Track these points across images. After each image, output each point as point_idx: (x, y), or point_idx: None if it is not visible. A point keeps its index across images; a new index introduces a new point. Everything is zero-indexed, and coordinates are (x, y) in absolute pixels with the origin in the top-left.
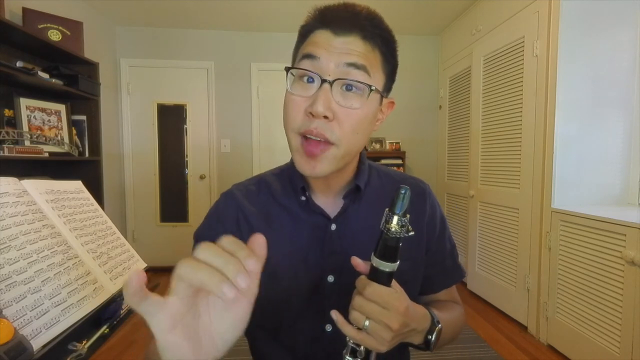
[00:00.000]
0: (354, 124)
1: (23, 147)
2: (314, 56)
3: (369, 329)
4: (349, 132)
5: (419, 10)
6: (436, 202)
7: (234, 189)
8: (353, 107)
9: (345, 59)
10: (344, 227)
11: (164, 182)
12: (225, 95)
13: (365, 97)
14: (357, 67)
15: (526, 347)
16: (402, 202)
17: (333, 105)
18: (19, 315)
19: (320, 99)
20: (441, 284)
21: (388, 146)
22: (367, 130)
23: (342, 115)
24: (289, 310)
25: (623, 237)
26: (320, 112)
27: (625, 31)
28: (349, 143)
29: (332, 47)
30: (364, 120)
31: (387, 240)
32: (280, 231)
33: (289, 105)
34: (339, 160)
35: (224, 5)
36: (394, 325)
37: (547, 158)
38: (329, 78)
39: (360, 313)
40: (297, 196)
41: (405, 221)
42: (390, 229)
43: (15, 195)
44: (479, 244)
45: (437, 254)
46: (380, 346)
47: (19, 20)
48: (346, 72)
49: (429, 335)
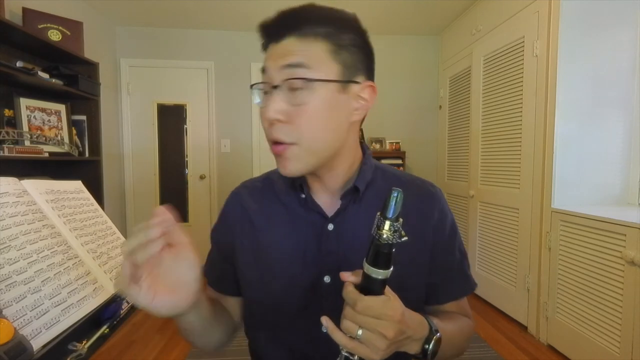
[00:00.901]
0: (308, 119)
1: (23, 147)
2: (265, 68)
3: (362, 338)
4: (305, 129)
5: (419, 10)
6: (447, 209)
7: (242, 186)
8: (301, 103)
9: (283, 62)
10: (342, 227)
11: (164, 182)
12: (225, 95)
13: (314, 90)
14: (293, 66)
15: (526, 347)
16: (395, 205)
17: (284, 107)
18: (19, 315)
19: (269, 105)
20: (448, 294)
21: (388, 146)
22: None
23: (294, 114)
24: (287, 309)
25: (623, 237)
26: (270, 117)
27: (625, 31)
28: (310, 138)
29: (273, 55)
30: (318, 113)
31: (379, 247)
32: (280, 228)
33: (261, 117)
34: (307, 157)
35: (224, 5)
36: (389, 333)
37: (547, 158)
38: (275, 83)
39: (353, 322)
40: (298, 194)
41: (398, 226)
42: (382, 235)
43: (15, 195)
44: (479, 244)
45: (444, 263)
46: (374, 355)
47: (19, 20)
48: (287, 74)
49: (426, 345)
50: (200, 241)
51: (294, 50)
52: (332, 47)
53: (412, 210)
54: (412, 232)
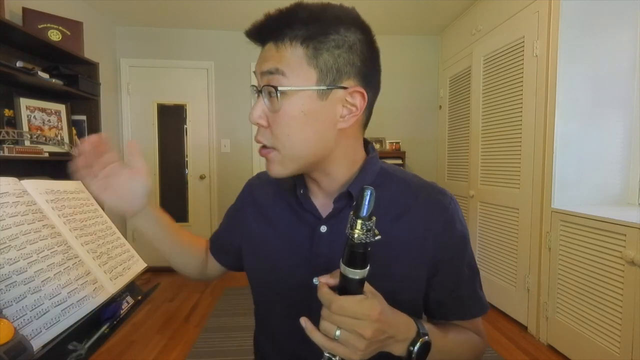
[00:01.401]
0: (283, 126)
1: (23, 147)
2: (255, 72)
3: (341, 339)
4: (280, 135)
5: (419, 10)
6: (455, 221)
7: (257, 177)
8: (277, 110)
9: (261, 68)
10: (336, 230)
11: (164, 182)
12: (225, 95)
13: (286, 98)
14: (270, 72)
15: (526, 347)
16: (367, 204)
17: (266, 112)
18: (19, 315)
19: (252, 109)
20: (454, 313)
21: (388, 146)
22: (305, 130)
23: (271, 120)
24: (278, 308)
25: (623, 237)
26: (252, 121)
27: (625, 31)
28: (286, 145)
29: (258, 60)
30: (290, 121)
31: (353, 247)
32: (278, 224)
33: None
34: (288, 162)
35: (224, 5)
36: (367, 333)
37: (547, 158)
38: (260, 88)
39: (331, 323)
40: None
41: (371, 225)
42: (354, 235)
43: (15, 195)
44: (479, 244)
45: (449, 278)
46: (353, 355)
47: (19, 20)
48: (266, 80)
49: (411, 347)
50: None
51: (270, 57)
52: (311, 51)
53: (417, 220)
54: (410, 242)
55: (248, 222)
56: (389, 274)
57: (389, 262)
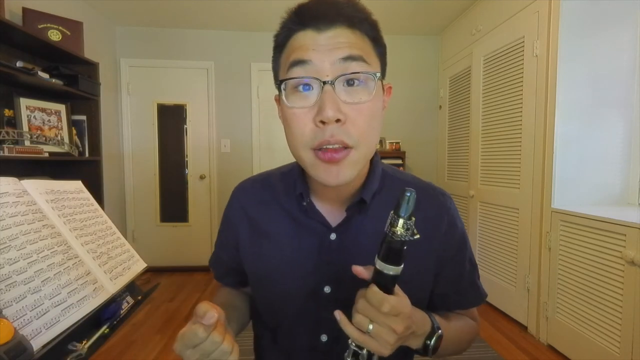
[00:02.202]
0: (368, 119)
1: (23, 147)
2: (304, 60)
3: (373, 332)
4: (365, 130)
5: (419, 10)
6: (456, 219)
7: (241, 187)
8: (362, 102)
9: (339, 54)
10: (345, 237)
11: (164, 182)
12: (225, 95)
13: (372, 87)
14: (354, 59)
15: (526, 347)
16: (408, 205)
17: (341, 106)
18: (19, 315)
19: (328, 102)
20: (455, 305)
21: (388, 146)
22: (380, 122)
23: (353, 113)
24: (286, 315)
25: (623, 237)
26: (332, 116)
27: (625, 31)
28: (367, 141)
29: (320, 45)
30: (376, 112)
31: (391, 243)
32: (280, 234)
33: (292, 120)
34: (361, 162)
35: (224, 5)
36: (399, 328)
37: (547, 158)
38: (328, 79)
39: (365, 316)
40: (299, 201)
41: (411, 224)
42: (396, 232)
43: (15, 195)
44: (479, 244)
45: (454, 275)
46: (383, 349)
47: (19, 20)
48: (345, 67)
49: (428, 340)
50: (200, 241)
51: (350, 42)
52: (373, 41)
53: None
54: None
55: (244, 238)
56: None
57: None
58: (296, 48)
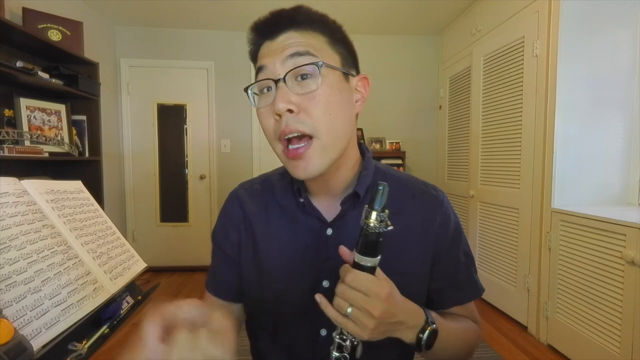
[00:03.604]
0: (321, 106)
1: (23, 147)
2: (263, 66)
3: (352, 315)
4: (319, 116)
5: (419, 10)
6: (450, 212)
7: (240, 188)
8: (312, 90)
9: (287, 53)
10: (341, 232)
11: (164, 182)
12: (225, 95)
13: (319, 78)
14: (299, 54)
15: (526, 347)
16: (381, 198)
17: (293, 97)
18: (19, 315)
19: (278, 96)
20: (452, 299)
21: (388, 146)
22: (342, 110)
23: (306, 102)
24: (285, 312)
25: (623, 237)
26: (281, 107)
27: (625, 31)
28: (327, 127)
29: (273, 51)
30: (330, 98)
31: (367, 236)
32: (279, 233)
33: (261, 119)
34: (327, 151)
35: (224, 5)
36: (375, 311)
37: (547, 158)
38: (279, 77)
39: (343, 300)
40: (296, 197)
41: (384, 216)
42: (370, 225)
43: (15, 195)
44: (479, 244)
45: (449, 268)
46: (361, 332)
47: (19, 20)
48: (292, 63)
49: (421, 334)
50: (200, 241)
51: (296, 42)
52: (329, 39)
53: (414, 215)
54: (413, 238)
55: (245, 237)
56: (395, 270)
57: (392, 257)
58: (259, 57)
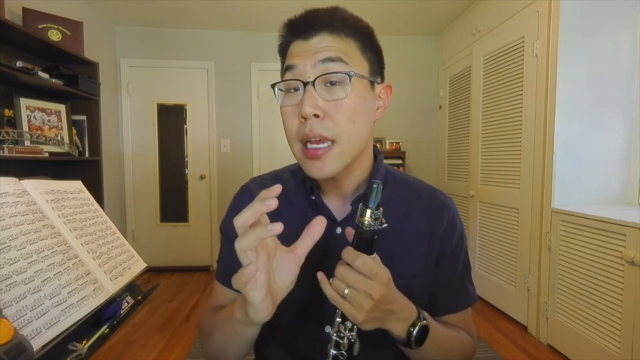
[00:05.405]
0: (347, 114)
1: (23, 147)
2: (293, 66)
3: (349, 296)
4: (343, 124)
5: (419, 10)
6: (457, 220)
7: (251, 182)
8: (339, 98)
9: (319, 57)
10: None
11: (164, 182)
12: (225, 95)
13: (348, 86)
14: (331, 60)
15: (526, 347)
16: (375, 196)
17: (320, 103)
18: (19, 315)
19: (306, 100)
20: (444, 307)
21: (388, 146)
22: (364, 118)
23: (332, 109)
24: (289, 310)
25: (623, 237)
26: (308, 112)
27: (625, 31)
28: (349, 135)
29: (305, 52)
30: (356, 107)
31: (362, 233)
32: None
33: (284, 117)
34: (344, 156)
35: (224, 5)
36: (375, 294)
37: (547, 158)
38: (309, 79)
39: (343, 282)
40: (308, 195)
41: (379, 214)
42: (364, 222)
43: (15, 195)
44: (479, 244)
45: (445, 273)
46: (358, 314)
47: (19, 20)
48: (323, 68)
49: (411, 328)
50: (200, 241)
51: (329, 46)
52: (360, 45)
53: (421, 219)
54: (418, 240)
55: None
56: (401, 271)
57: (398, 259)
58: (289, 56)
